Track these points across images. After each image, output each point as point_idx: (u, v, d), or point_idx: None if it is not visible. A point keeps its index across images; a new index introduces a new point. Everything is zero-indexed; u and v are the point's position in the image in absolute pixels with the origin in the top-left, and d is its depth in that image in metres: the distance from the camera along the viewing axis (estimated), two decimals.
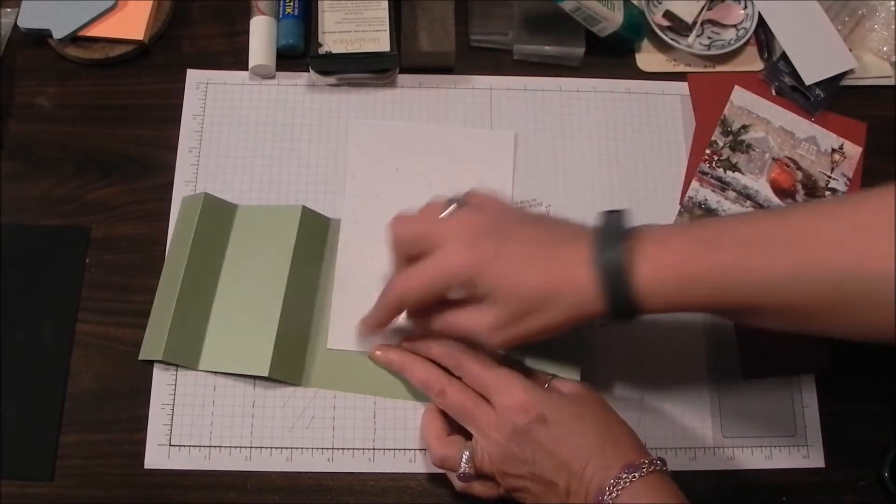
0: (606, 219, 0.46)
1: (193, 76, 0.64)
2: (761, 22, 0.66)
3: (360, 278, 0.58)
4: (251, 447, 0.54)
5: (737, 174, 0.62)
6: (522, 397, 0.48)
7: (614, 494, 0.44)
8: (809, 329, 0.44)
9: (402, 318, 0.56)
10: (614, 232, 0.45)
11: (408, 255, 0.50)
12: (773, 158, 0.63)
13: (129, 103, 0.63)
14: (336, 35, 0.62)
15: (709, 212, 0.61)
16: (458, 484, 0.50)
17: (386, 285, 0.50)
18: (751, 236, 0.43)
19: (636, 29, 0.64)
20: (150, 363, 0.56)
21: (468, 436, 0.50)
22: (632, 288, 0.43)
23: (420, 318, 0.51)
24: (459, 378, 0.51)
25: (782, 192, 0.62)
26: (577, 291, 0.44)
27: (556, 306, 0.45)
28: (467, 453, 0.49)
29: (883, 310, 0.40)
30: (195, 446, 0.54)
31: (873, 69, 0.67)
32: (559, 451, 0.46)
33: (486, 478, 0.50)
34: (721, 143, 0.63)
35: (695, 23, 0.66)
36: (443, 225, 0.48)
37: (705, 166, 0.62)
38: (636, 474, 0.44)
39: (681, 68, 0.66)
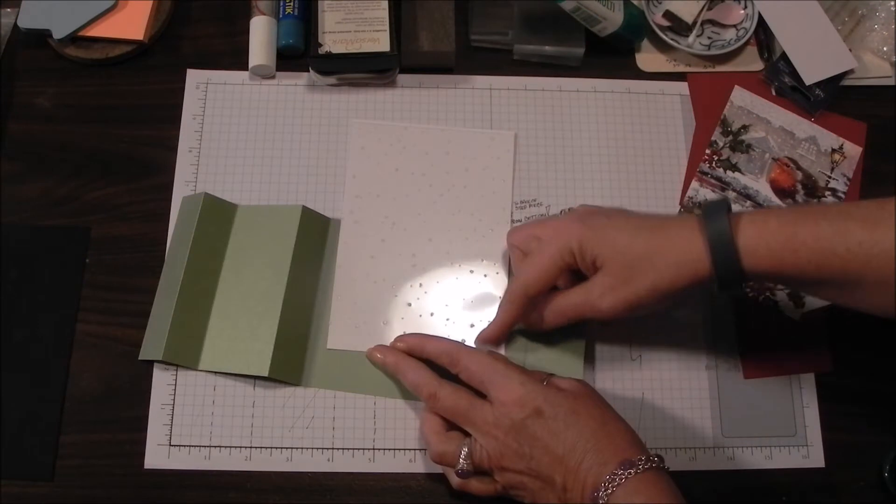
0: (712, 200, 0.49)
1: (193, 76, 0.64)
2: (761, 22, 0.66)
3: (360, 278, 0.58)
4: (251, 447, 0.54)
5: (737, 174, 0.62)
6: (519, 391, 0.48)
7: (610, 491, 0.44)
8: None
9: (398, 320, 0.57)
10: (721, 205, 0.48)
11: (523, 253, 0.54)
12: (773, 158, 0.63)
13: (129, 103, 0.63)
14: (336, 35, 0.62)
15: None
16: (455, 480, 0.50)
17: (507, 290, 0.53)
18: (855, 213, 0.45)
19: (636, 29, 0.64)
20: (150, 363, 0.56)
21: (467, 433, 0.50)
22: (737, 247, 0.46)
23: (533, 321, 0.53)
24: (456, 376, 0.51)
25: (782, 192, 0.62)
26: (684, 250, 0.47)
27: (664, 265, 0.47)
28: (465, 449, 0.49)
29: None
30: (195, 446, 0.54)
31: (873, 69, 0.67)
32: (555, 446, 0.46)
33: (483, 474, 0.50)
34: (721, 143, 0.63)
35: (695, 23, 0.66)
36: (551, 221, 0.53)
37: (705, 166, 0.62)
38: (632, 471, 0.44)
39: (681, 68, 0.66)
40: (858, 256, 0.44)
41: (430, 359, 0.53)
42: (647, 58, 0.66)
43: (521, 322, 0.54)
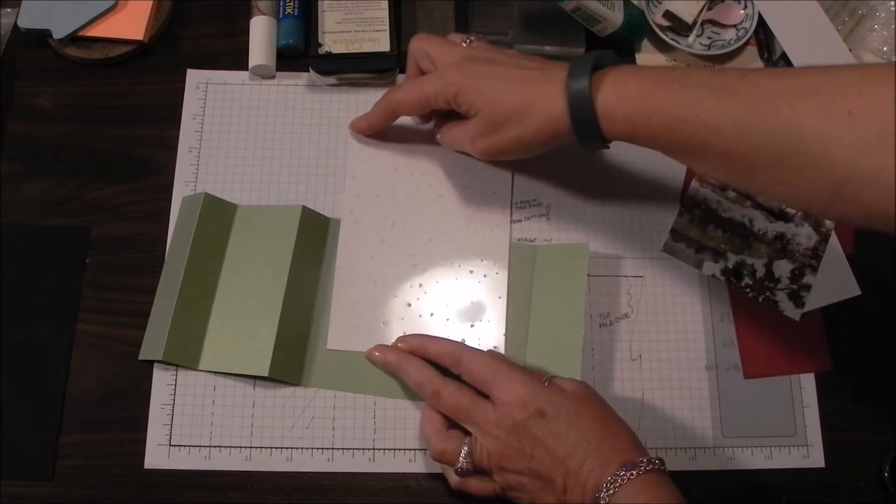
0: (585, 55, 0.51)
1: (193, 76, 0.64)
2: (761, 22, 0.66)
3: (360, 278, 0.58)
4: (251, 447, 0.54)
5: None
6: (522, 392, 0.48)
7: (611, 491, 0.44)
8: (754, 186, 0.47)
9: (397, 320, 0.57)
10: (588, 61, 0.49)
11: (418, 68, 0.57)
12: None
13: (129, 103, 0.63)
14: (336, 35, 0.62)
15: (709, 212, 0.61)
16: (454, 479, 0.51)
17: (388, 91, 0.58)
18: (712, 82, 0.45)
19: (636, 29, 0.64)
20: (150, 363, 0.56)
21: (468, 432, 0.50)
22: (594, 108, 0.48)
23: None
24: (458, 376, 0.51)
25: None
26: (548, 106, 0.50)
27: (528, 119, 0.51)
28: (466, 448, 0.49)
29: (817, 172, 0.40)
30: (195, 446, 0.54)
31: None
32: (556, 447, 0.46)
33: (483, 474, 0.50)
34: None
35: (695, 23, 0.66)
36: (450, 51, 0.55)
37: None
38: (633, 472, 0.44)
39: None
40: (707, 124, 0.44)
41: (432, 359, 0.53)
42: (647, 58, 0.66)
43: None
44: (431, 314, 0.57)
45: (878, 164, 0.38)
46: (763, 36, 0.67)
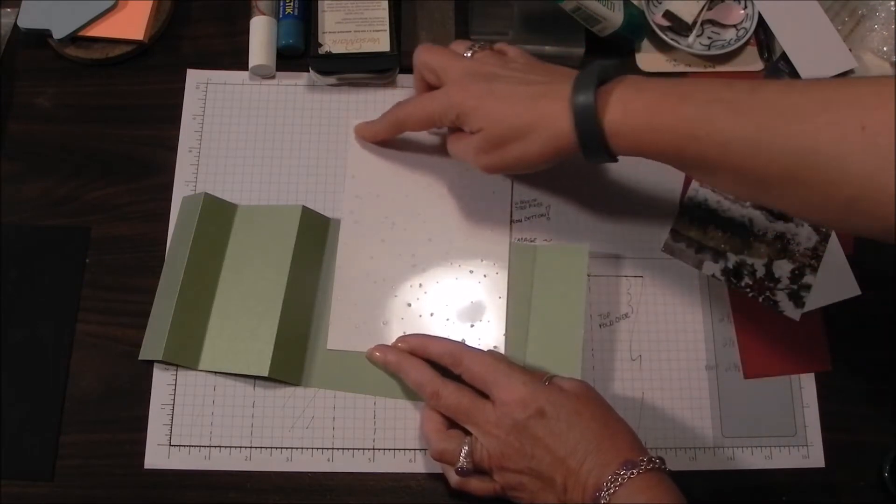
0: (591, 65, 0.49)
1: (193, 76, 0.64)
2: (761, 22, 0.66)
3: (360, 278, 0.58)
4: (251, 447, 0.54)
5: None
6: (522, 391, 0.48)
7: (612, 490, 0.44)
8: (766, 199, 0.46)
9: (397, 320, 0.57)
10: (593, 76, 0.48)
11: (424, 81, 0.56)
12: None
13: (129, 103, 0.63)
14: (336, 35, 0.62)
15: (709, 212, 0.61)
16: (453, 479, 0.51)
17: (396, 104, 0.58)
18: (723, 97, 0.44)
19: (636, 29, 0.64)
20: (150, 363, 0.56)
21: (468, 432, 0.50)
22: (601, 126, 0.47)
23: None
24: (458, 376, 0.51)
25: None
26: (553, 125, 0.49)
27: (533, 137, 0.49)
28: (466, 448, 0.49)
29: (832, 187, 0.40)
30: (195, 446, 0.54)
31: (873, 69, 0.66)
32: (557, 447, 0.46)
33: (483, 474, 0.50)
34: None
35: (695, 23, 0.66)
36: (454, 64, 0.54)
37: None
38: (634, 471, 0.44)
39: (681, 68, 0.66)
40: (718, 141, 0.43)
41: (432, 359, 0.53)
42: (647, 58, 0.66)
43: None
44: (431, 314, 0.57)
45: (893, 178, 0.38)
46: (763, 36, 0.67)
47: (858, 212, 0.40)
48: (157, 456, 0.54)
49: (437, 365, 0.53)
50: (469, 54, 0.55)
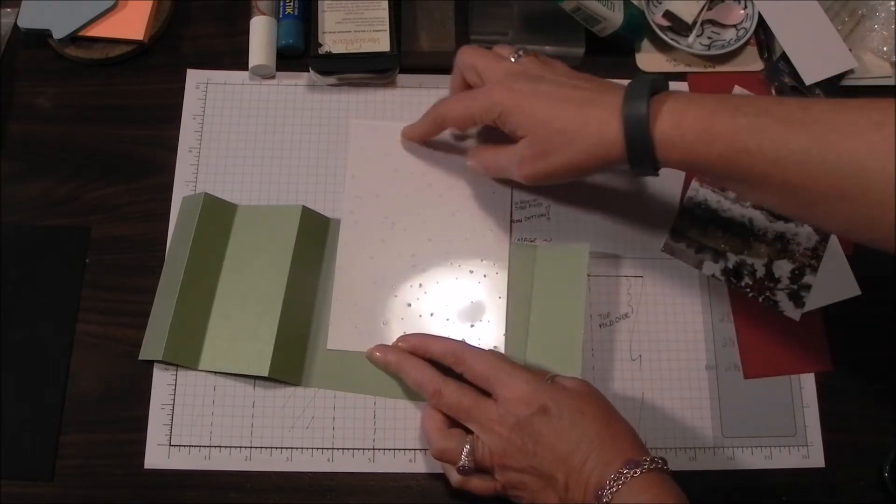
0: (641, 77, 0.49)
1: (193, 76, 0.64)
2: (761, 22, 0.66)
3: (359, 278, 0.58)
4: (251, 447, 0.54)
5: None
6: (525, 389, 0.48)
7: (614, 489, 0.44)
8: (811, 217, 0.46)
9: (397, 320, 0.57)
10: (646, 87, 0.47)
11: (465, 81, 0.56)
12: None
13: (129, 103, 0.63)
14: (336, 35, 0.62)
15: (709, 212, 0.61)
16: (454, 478, 0.50)
17: (437, 102, 0.57)
18: (774, 111, 0.44)
19: (636, 29, 0.64)
20: (150, 363, 0.56)
21: (469, 430, 0.50)
22: (651, 135, 0.46)
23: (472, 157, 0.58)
24: (460, 375, 0.51)
25: None
26: (601, 132, 0.48)
27: (581, 143, 0.49)
28: (468, 446, 0.49)
29: (882, 207, 0.40)
30: (195, 446, 0.54)
31: (873, 69, 0.66)
32: (559, 445, 0.46)
33: (484, 473, 0.50)
34: None
35: (695, 23, 0.66)
36: (498, 66, 0.53)
37: None
38: (637, 471, 0.44)
39: (681, 68, 0.66)
40: (769, 155, 0.43)
41: (433, 358, 0.53)
42: (647, 58, 0.66)
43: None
44: (431, 314, 0.57)
45: None
46: (763, 36, 0.67)
47: None
48: (157, 456, 0.54)
49: (437, 364, 0.53)
50: (513, 59, 0.54)
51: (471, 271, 0.58)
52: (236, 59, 0.64)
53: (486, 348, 0.55)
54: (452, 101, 0.56)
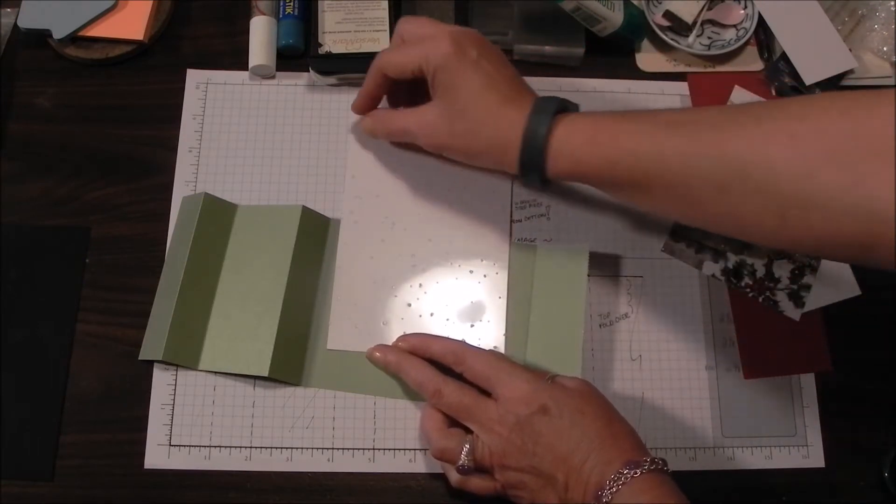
0: (552, 97, 0.51)
1: (193, 76, 0.64)
2: (761, 22, 0.66)
3: (359, 278, 0.58)
4: (251, 447, 0.54)
5: None
6: (525, 388, 0.48)
7: (614, 489, 0.44)
8: (701, 219, 0.47)
9: (397, 320, 0.57)
10: (553, 102, 0.50)
11: (402, 41, 0.55)
12: None
13: (129, 103, 0.63)
14: (336, 35, 0.62)
15: None
16: (454, 478, 0.51)
17: (376, 55, 0.55)
18: (661, 117, 0.46)
19: (636, 29, 0.64)
20: (150, 363, 0.56)
21: (468, 430, 0.50)
22: (545, 147, 0.49)
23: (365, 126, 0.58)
24: (460, 374, 0.51)
25: None
26: (506, 131, 0.50)
27: (485, 134, 0.51)
28: (468, 446, 0.49)
29: (763, 197, 0.41)
30: (195, 446, 0.54)
31: (873, 69, 0.66)
32: (559, 444, 0.46)
33: (483, 472, 0.50)
34: None
35: (695, 23, 0.66)
36: (444, 29, 0.52)
37: None
38: (637, 471, 0.44)
39: (681, 68, 0.66)
40: (651, 155, 0.45)
41: (434, 358, 0.53)
42: (647, 58, 0.66)
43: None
44: (431, 314, 0.57)
45: (822, 185, 0.39)
46: (763, 36, 0.67)
47: (791, 224, 0.41)
48: (157, 456, 0.54)
49: (437, 364, 0.53)
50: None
51: (471, 271, 0.58)
52: (236, 59, 0.64)
53: (487, 348, 0.55)
54: (393, 49, 0.55)
